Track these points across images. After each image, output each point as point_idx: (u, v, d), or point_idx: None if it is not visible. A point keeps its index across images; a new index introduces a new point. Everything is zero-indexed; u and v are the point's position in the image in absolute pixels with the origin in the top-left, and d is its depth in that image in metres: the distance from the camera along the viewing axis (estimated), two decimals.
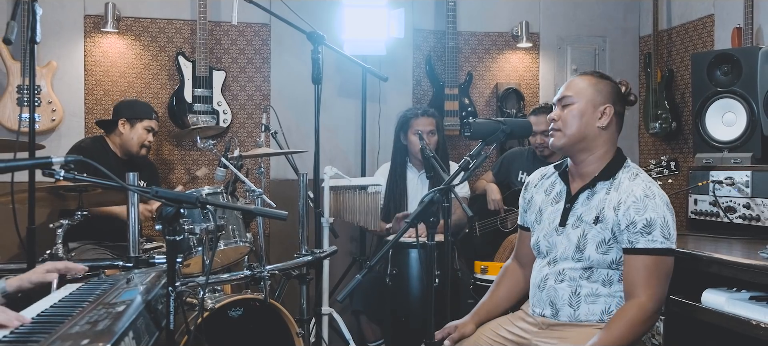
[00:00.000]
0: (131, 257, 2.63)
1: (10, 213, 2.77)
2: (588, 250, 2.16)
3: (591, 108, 2.20)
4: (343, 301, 2.27)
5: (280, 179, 4.42)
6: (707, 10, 4.14)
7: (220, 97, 4.33)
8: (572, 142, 2.21)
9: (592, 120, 2.20)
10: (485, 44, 4.75)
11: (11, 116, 3.95)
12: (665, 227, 2.08)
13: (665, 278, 2.10)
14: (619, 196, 2.14)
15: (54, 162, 1.78)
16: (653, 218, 2.07)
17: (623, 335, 2.01)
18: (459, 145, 4.63)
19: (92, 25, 4.22)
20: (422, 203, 2.06)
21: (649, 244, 2.07)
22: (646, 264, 2.07)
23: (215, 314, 2.77)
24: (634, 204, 2.10)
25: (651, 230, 2.07)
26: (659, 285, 2.08)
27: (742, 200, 3.01)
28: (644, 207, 2.08)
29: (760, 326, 2.12)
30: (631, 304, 2.07)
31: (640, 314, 2.04)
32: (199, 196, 1.88)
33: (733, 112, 3.32)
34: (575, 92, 2.22)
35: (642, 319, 2.04)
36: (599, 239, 2.15)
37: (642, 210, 2.08)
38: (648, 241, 2.07)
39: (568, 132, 2.21)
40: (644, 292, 2.06)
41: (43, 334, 1.48)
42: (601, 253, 2.15)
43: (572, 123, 2.20)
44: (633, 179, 2.17)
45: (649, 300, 2.05)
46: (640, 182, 2.16)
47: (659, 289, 2.08)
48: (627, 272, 2.11)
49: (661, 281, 2.08)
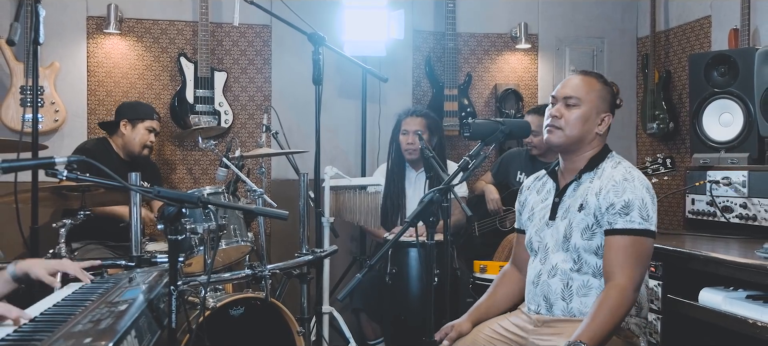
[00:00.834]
0: (133, 256, 2.63)
1: (13, 213, 2.80)
2: (574, 238, 2.19)
3: (594, 114, 2.26)
4: (344, 300, 2.29)
5: (281, 179, 4.43)
6: (704, 11, 4.15)
7: (222, 97, 4.36)
8: (570, 142, 2.26)
9: (593, 126, 2.26)
10: (484, 45, 4.77)
11: (15, 117, 3.97)
12: (643, 208, 2.11)
13: (644, 259, 2.13)
14: (601, 182, 2.19)
15: (57, 162, 1.80)
16: (631, 199, 2.11)
17: (606, 321, 2.03)
18: (458, 146, 4.65)
19: (95, 27, 4.24)
20: (422, 203, 2.07)
21: (627, 224, 2.10)
22: (625, 244, 2.10)
23: (217, 313, 2.78)
24: (613, 187, 2.15)
25: (629, 210, 2.11)
26: (637, 266, 2.10)
27: (739, 200, 3.03)
28: (623, 189, 2.13)
29: (757, 324, 2.14)
30: (610, 287, 2.09)
31: (620, 298, 2.06)
32: (201, 196, 1.88)
33: (729, 112, 3.34)
34: (581, 95, 2.25)
35: (622, 302, 2.06)
36: (583, 226, 2.18)
37: (620, 192, 2.13)
38: (626, 221, 2.11)
39: (568, 132, 2.25)
40: (622, 273, 2.08)
41: (46, 332, 1.49)
42: (586, 239, 2.18)
43: (575, 125, 2.24)
44: (615, 167, 2.23)
45: (627, 281, 2.08)
46: (621, 168, 2.21)
47: (637, 270, 2.10)
48: (606, 253, 2.14)
49: (639, 262, 2.11)
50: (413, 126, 3.78)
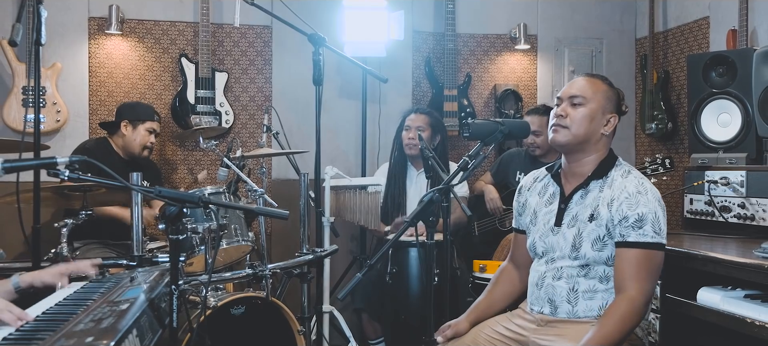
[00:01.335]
0: (135, 255, 2.64)
1: (15, 212, 2.80)
2: (584, 248, 2.19)
3: (600, 114, 2.24)
4: (344, 299, 2.29)
5: (281, 179, 4.44)
6: (702, 12, 4.16)
7: (223, 98, 4.37)
8: (576, 141, 2.24)
9: (599, 126, 2.24)
10: (484, 46, 4.78)
11: (16, 117, 3.98)
12: (656, 222, 2.12)
13: (655, 272, 2.14)
14: (613, 193, 2.18)
15: (59, 162, 1.80)
16: (644, 213, 2.11)
17: (616, 330, 2.04)
18: (458, 146, 4.66)
19: (96, 27, 4.26)
20: (422, 203, 2.09)
21: (639, 238, 2.11)
22: (637, 257, 2.10)
23: (218, 312, 2.79)
24: (627, 200, 2.14)
25: (642, 224, 2.11)
26: (649, 279, 2.11)
27: (737, 200, 3.03)
28: (636, 203, 2.12)
29: (755, 324, 2.13)
30: (621, 298, 2.10)
31: (631, 309, 2.07)
32: (202, 195, 1.89)
33: (728, 113, 3.35)
34: (588, 95, 2.24)
35: (633, 313, 2.07)
36: (594, 237, 2.18)
37: (634, 205, 2.12)
38: (639, 235, 2.11)
39: (574, 131, 2.23)
40: (634, 285, 2.09)
41: (48, 331, 1.50)
42: (597, 250, 2.18)
43: (581, 124, 2.22)
44: (625, 176, 2.21)
45: (638, 294, 2.08)
46: (632, 178, 2.20)
47: (649, 283, 2.11)
48: (618, 265, 2.14)
49: (650, 275, 2.12)
50: (416, 122, 3.80)
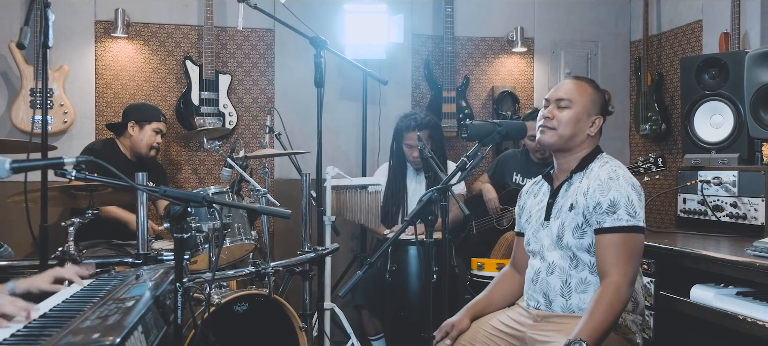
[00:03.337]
0: (140, 254, 2.66)
1: (23, 212, 2.81)
2: (566, 237, 2.24)
3: (585, 116, 2.31)
4: (345, 296, 2.33)
5: (283, 179, 4.48)
6: (696, 16, 4.20)
7: (226, 99, 4.41)
8: (562, 141, 2.32)
9: (585, 127, 2.32)
10: (481, 49, 4.83)
11: (24, 118, 4.02)
12: (629, 205, 2.16)
13: (635, 254, 2.17)
14: (589, 181, 2.24)
15: (66, 162, 1.80)
16: (616, 197, 2.16)
17: (604, 318, 2.07)
18: (456, 147, 4.70)
19: (102, 31, 4.30)
20: (421, 202, 2.12)
21: (615, 222, 2.15)
22: (615, 242, 2.14)
23: (221, 309, 2.81)
24: (599, 186, 2.19)
25: (616, 209, 2.15)
26: (630, 262, 2.14)
27: (729, 199, 3.03)
28: (608, 188, 2.18)
29: (747, 320, 2.16)
30: (606, 285, 2.13)
31: (616, 294, 2.10)
32: (206, 195, 1.91)
33: (720, 114, 3.37)
34: (574, 98, 2.32)
35: (618, 298, 2.10)
36: (574, 225, 2.23)
37: (606, 191, 2.17)
38: (614, 219, 2.15)
39: (560, 132, 2.31)
40: (615, 270, 2.12)
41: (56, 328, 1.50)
42: (578, 238, 2.23)
43: (567, 125, 2.30)
44: (602, 166, 2.27)
45: (621, 278, 2.12)
46: (607, 167, 2.26)
47: (630, 266, 2.14)
48: (598, 252, 2.18)
49: (631, 258, 2.15)
50: (416, 141, 3.67)
